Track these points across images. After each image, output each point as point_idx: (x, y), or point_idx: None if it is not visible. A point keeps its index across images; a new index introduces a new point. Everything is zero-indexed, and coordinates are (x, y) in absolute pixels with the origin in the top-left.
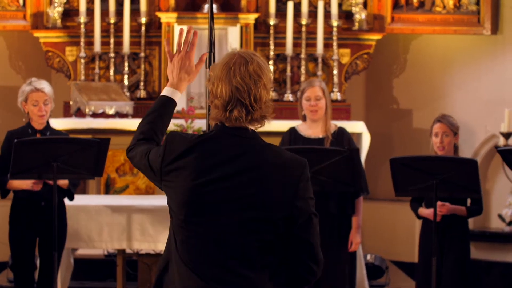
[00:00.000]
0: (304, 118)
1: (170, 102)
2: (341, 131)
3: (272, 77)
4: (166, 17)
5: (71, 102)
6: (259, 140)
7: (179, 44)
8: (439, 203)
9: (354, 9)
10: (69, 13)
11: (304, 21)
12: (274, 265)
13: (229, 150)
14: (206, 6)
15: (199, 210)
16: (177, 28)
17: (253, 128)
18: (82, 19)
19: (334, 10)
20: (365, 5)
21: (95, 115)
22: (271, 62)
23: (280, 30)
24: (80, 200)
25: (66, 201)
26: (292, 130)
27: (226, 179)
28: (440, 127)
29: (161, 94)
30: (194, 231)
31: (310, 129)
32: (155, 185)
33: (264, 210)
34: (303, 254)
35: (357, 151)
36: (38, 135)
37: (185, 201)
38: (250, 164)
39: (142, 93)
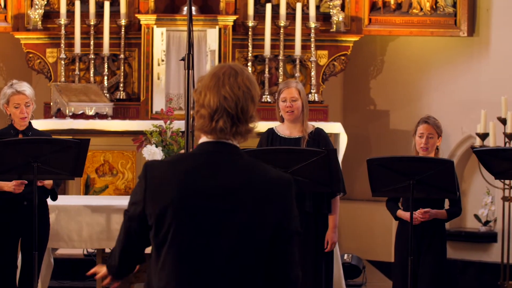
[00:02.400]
0: (281, 119)
1: None
2: (318, 131)
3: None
4: (146, 19)
5: (51, 103)
6: (243, 157)
7: None
8: (421, 210)
9: (331, 11)
10: (50, 15)
11: (282, 23)
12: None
13: (213, 169)
14: (185, 8)
15: (182, 232)
16: (156, 30)
17: (236, 142)
18: (63, 21)
19: (312, 12)
20: (342, 7)
21: (75, 116)
22: (249, 63)
23: (258, 32)
24: (60, 200)
25: (48, 200)
26: (270, 131)
27: (209, 199)
28: (426, 128)
29: None
30: (176, 254)
31: (287, 130)
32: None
33: (249, 231)
34: (280, 272)
35: (334, 152)
36: (20, 136)
37: (169, 223)
38: (234, 184)
39: (121, 94)
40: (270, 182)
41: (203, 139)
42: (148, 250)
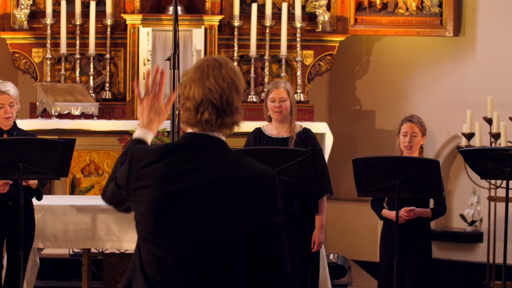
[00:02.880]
0: (269, 119)
1: (142, 144)
2: (305, 131)
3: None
4: (131, 19)
5: (37, 103)
6: (228, 150)
7: (147, 86)
8: (406, 208)
9: (317, 11)
10: (36, 15)
11: (268, 22)
12: (240, 279)
13: (197, 161)
14: (171, 8)
15: (165, 223)
16: (142, 30)
17: (222, 133)
18: (49, 21)
19: (298, 12)
20: (328, 7)
21: (61, 116)
22: (235, 63)
23: (244, 32)
24: (45, 200)
25: (33, 200)
26: (258, 130)
27: (193, 191)
28: (410, 126)
29: (133, 136)
30: (159, 245)
31: (275, 129)
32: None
33: (233, 224)
34: (271, 267)
35: (320, 151)
36: (5, 136)
37: (152, 214)
38: (218, 176)
39: (107, 94)
40: (253, 176)
41: (189, 131)
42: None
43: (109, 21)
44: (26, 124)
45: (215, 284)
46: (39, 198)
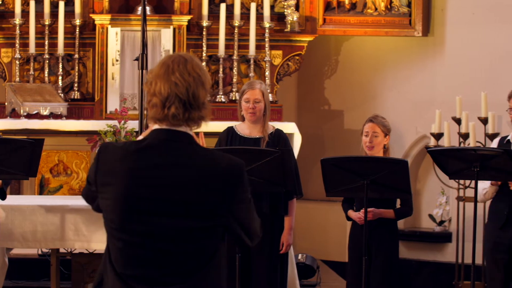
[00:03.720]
0: (242, 118)
1: None
2: (278, 132)
3: (211, 81)
4: (100, 19)
5: (6, 103)
6: (195, 145)
7: None
8: (363, 210)
9: (286, 11)
10: (4, 15)
11: (236, 23)
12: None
13: (165, 156)
14: (140, 8)
15: (134, 218)
16: (111, 30)
17: (189, 128)
18: (17, 21)
19: (267, 12)
20: (297, 7)
21: (29, 116)
22: (203, 63)
23: (212, 32)
24: (14, 200)
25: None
26: (230, 129)
27: (162, 186)
28: (371, 127)
29: None
30: (128, 240)
31: (247, 129)
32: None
33: (203, 217)
34: (237, 230)
35: (288, 152)
36: None
37: (121, 209)
38: (186, 171)
39: (76, 94)
40: (223, 168)
41: (155, 127)
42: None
43: (78, 21)
44: None
45: (182, 277)
46: (3, 198)
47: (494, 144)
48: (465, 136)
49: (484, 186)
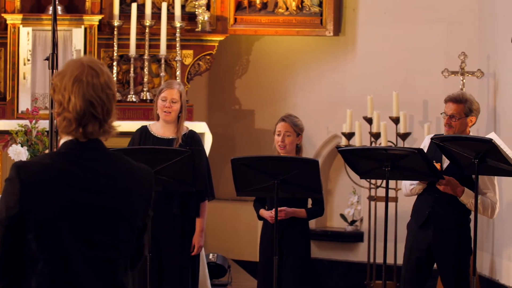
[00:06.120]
0: (157, 117)
1: None
2: (191, 134)
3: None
4: (12, 19)
5: None
6: (110, 152)
7: None
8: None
9: (197, 11)
10: None
11: (147, 22)
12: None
13: (86, 166)
14: (52, 8)
15: (62, 229)
16: (22, 30)
17: (103, 138)
18: None
19: (178, 11)
20: (208, 6)
21: None
22: (114, 63)
23: (124, 32)
24: None
25: None
26: (144, 129)
27: (88, 195)
28: (283, 126)
29: None
30: (50, 260)
31: (161, 129)
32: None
33: (126, 222)
34: (140, 249)
35: (199, 151)
36: None
37: (45, 224)
38: (109, 179)
39: None
40: (139, 173)
41: (68, 137)
42: None
43: None
44: None
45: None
46: None
47: (427, 141)
48: (376, 136)
49: (412, 182)
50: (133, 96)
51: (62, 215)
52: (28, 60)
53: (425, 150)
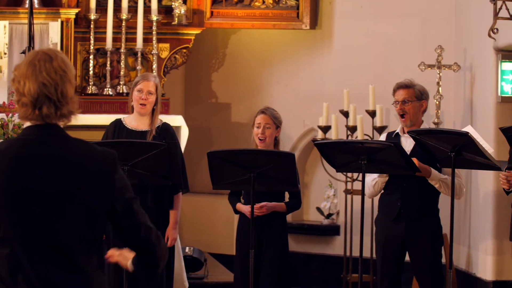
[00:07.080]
0: (132, 110)
1: None
2: (165, 126)
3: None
4: None
5: None
6: (69, 137)
7: None
8: (257, 205)
9: (173, 4)
10: None
11: (124, 16)
12: (97, 258)
13: (42, 151)
14: (28, 1)
15: (15, 216)
16: None
17: (61, 123)
18: None
19: (154, 5)
20: (184, 0)
21: None
22: (91, 56)
23: (100, 25)
24: None
25: None
26: (118, 122)
27: (41, 181)
28: (263, 118)
29: None
30: (9, 245)
31: (135, 121)
32: None
33: (84, 208)
34: (138, 240)
35: (175, 145)
36: None
37: (4, 211)
38: (64, 164)
39: None
40: (98, 157)
41: (28, 123)
42: None
43: None
44: None
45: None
46: None
47: (382, 139)
48: (352, 129)
49: (373, 177)
50: (110, 89)
51: (9, 203)
52: (5, 53)
53: None
